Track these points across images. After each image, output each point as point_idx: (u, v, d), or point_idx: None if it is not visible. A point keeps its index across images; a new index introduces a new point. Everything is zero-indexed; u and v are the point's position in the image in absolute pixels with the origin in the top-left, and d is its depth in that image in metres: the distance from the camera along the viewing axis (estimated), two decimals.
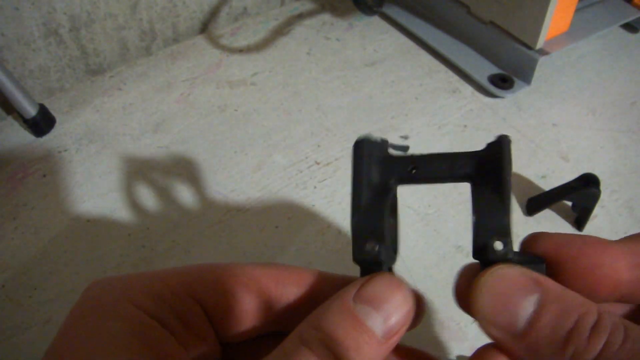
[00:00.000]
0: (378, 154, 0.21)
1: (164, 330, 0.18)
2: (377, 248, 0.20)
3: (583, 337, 0.17)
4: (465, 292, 0.20)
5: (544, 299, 0.18)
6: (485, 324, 0.18)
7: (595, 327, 0.17)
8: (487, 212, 0.19)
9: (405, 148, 0.22)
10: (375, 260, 0.20)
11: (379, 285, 0.19)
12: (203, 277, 0.20)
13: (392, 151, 0.22)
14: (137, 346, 0.17)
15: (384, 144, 0.22)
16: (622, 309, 0.21)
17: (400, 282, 0.19)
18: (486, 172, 0.20)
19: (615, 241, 0.19)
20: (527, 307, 0.17)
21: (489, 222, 0.19)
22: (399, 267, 0.49)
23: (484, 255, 0.19)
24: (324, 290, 0.22)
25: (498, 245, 0.19)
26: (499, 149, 0.19)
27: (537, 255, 0.20)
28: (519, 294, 0.18)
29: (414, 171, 0.21)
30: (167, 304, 0.19)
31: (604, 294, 0.19)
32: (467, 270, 0.21)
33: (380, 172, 0.21)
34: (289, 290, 0.21)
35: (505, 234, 0.19)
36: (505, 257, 0.19)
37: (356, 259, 0.20)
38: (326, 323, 0.18)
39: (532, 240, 0.20)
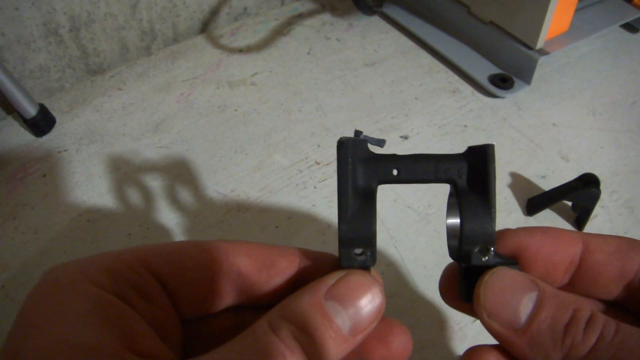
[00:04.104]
0: (361, 154, 0.21)
1: (125, 305, 0.18)
2: (365, 254, 0.20)
3: (579, 330, 0.18)
4: (449, 288, 0.22)
5: (542, 296, 0.19)
6: (488, 321, 0.19)
7: (590, 321, 0.18)
8: (472, 219, 0.20)
9: (381, 142, 0.22)
10: (363, 266, 0.20)
11: (350, 283, 0.20)
12: (160, 252, 0.21)
13: (371, 146, 0.22)
14: (101, 323, 0.17)
15: (364, 141, 0.22)
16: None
17: (372, 282, 0.20)
18: (470, 177, 0.20)
19: (571, 231, 0.22)
20: (527, 303, 0.19)
21: (474, 229, 0.20)
22: (399, 268, 0.49)
23: (468, 261, 0.20)
24: (302, 273, 0.22)
25: (484, 254, 0.19)
26: (484, 158, 0.20)
27: (511, 257, 0.21)
28: (520, 292, 0.19)
29: (395, 172, 0.21)
30: (124, 278, 0.19)
31: (558, 277, 0.21)
32: (449, 269, 0.23)
33: (365, 175, 0.21)
34: (267, 275, 0.22)
35: (490, 242, 0.19)
36: (488, 264, 0.19)
37: (344, 266, 0.20)
38: (297, 315, 0.18)
39: (498, 239, 0.22)
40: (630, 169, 0.58)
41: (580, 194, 0.50)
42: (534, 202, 0.54)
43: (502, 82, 0.66)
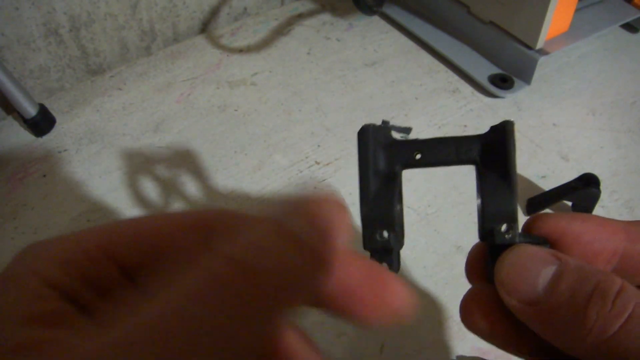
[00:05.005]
0: (383, 140, 0.22)
1: (63, 309, 0.15)
2: (387, 236, 0.20)
3: (606, 302, 0.16)
4: (474, 268, 0.21)
5: (563, 268, 0.18)
6: (508, 299, 0.18)
7: (620, 293, 0.16)
8: (493, 197, 0.20)
9: (407, 130, 0.22)
10: (386, 247, 0.20)
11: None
12: (131, 233, 0.17)
13: (395, 134, 0.23)
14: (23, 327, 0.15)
15: (387, 128, 0.22)
16: None
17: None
18: (491, 156, 0.21)
19: (614, 220, 0.20)
20: (545, 275, 0.18)
21: (495, 207, 0.20)
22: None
23: (492, 240, 0.20)
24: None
25: (505, 231, 0.19)
26: (503, 134, 0.20)
27: (540, 237, 0.20)
28: (538, 264, 0.18)
29: (419, 156, 0.21)
30: (79, 271, 0.16)
31: (600, 266, 0.20)
32: (476, 248, 0.22)
33: (386, 159, 0.22)
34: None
35: (512, 219, 0.19)
36: (512, 242, 0.19)
37: (367, 248, 0.20)
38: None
39: (534, 222, 0.21)
40: (630, 169, 0.58)
41: (580, 194, 0.50)
42: (534, 202, 0.54)
43: (502, 82, 0.66)
